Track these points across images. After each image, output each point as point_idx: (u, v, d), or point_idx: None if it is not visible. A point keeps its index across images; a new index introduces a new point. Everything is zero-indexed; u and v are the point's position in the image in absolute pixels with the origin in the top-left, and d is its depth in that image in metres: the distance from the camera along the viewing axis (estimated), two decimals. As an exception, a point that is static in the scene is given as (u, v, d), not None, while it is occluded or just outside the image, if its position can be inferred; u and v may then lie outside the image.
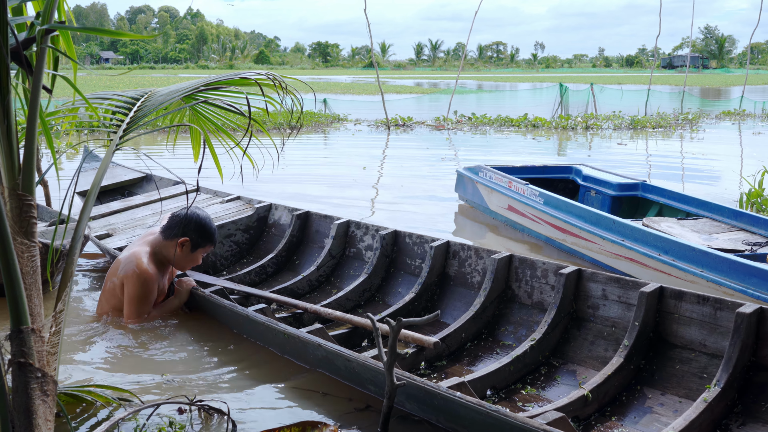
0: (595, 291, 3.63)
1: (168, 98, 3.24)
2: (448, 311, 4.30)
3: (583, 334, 3.64)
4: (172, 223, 4.33)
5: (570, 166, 7.63)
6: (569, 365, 3.56)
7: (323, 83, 47.53)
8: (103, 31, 2.51)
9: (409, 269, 4.66)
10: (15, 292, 2.27)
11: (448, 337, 3.75)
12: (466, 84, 52.40)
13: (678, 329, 3.31)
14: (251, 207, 5.80)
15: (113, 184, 6.85)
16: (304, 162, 11.79)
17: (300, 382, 3.48)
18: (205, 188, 6.37)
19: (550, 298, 3.82)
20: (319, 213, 5.41)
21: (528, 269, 3.96)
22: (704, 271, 4.54)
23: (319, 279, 4.95)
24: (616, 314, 3.54)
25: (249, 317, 3.75)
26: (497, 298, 4.02)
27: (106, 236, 5.40)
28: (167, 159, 10.78)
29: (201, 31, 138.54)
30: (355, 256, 5.03)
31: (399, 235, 4.75)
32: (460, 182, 7.93)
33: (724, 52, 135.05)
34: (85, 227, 2.66)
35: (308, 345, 3.40)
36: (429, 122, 19.93)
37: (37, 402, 2.34)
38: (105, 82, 39.36)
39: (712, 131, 18.37)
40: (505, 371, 3.37)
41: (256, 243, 5.68)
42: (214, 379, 3.53)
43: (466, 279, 4.31)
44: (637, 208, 6.77)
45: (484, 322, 3.96)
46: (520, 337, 3.84)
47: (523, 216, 6.59)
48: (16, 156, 2.39)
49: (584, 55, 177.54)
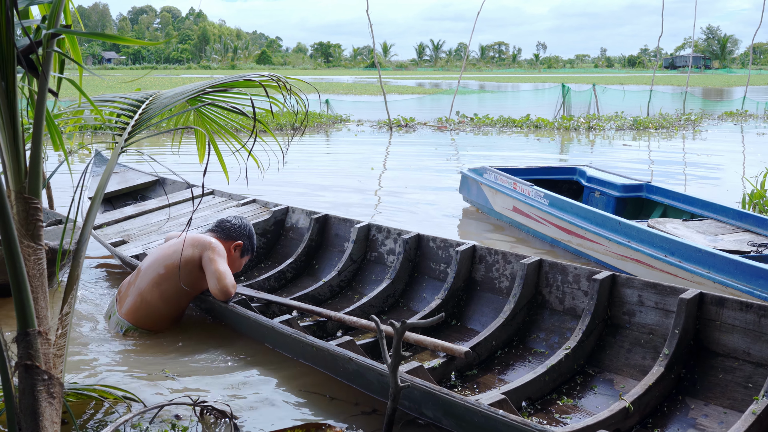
0: (630, 297, 3.52)
1: (173, 101, 3.24)
2: (475, 317, 4.19)
3: (619, 341, 3.53)
4: (226, 226, 4.40)
5: (574, 168, 7.63)
6: (605, 374, 3.45)
7: (325, 84, 47.54)
8: (111, 37, 2.51)
9: (433, 274, 4.55)
10: (21, 295, 2.27)
11: (479, 345, 3.64)
12: (468, 84, 52.40)
13: (720, 337, 3.19)
14: (268, 210, 5.70)
15: (126, 188, 6.77)
16: (308, 163, 11.79)
17: (305, 384, 3.48)
18: (219, 191, 6.29)
19: (582, 304, 3.71)
20: (338, 216, 5.29)
21: (559, 274, 3.85)
22: (710, 272, 4.53)
23: (340, 284, 4.84)
24: (653, 321, 3.43)
25: (275, 329, 3.67)
26: (527, 304, 3.90)
27: (121, 243, 5.31)
28: (173, 160, 10.79)
29: (203, 32, 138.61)
30: (376, 260, 4.92)
31: (422, 239, 4.64)
32: (465, 184, 7.93)
33: (726, 53, 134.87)
34: (90, 230, 2.66)
35: (338, 359, 3.31)
36: (431, 123, 19.93)
37: (43, 404, 2.35)
38: (107, 84, 39.36)
39: (714, 132, 18.34)
40: (540, 381, 3.27)
41: (273, 247, 5.58)
42: (218, 380, 3.53)
43: (494, 284, 4.20)
44: (642, 209, 6.77)
45: (515, 329, 3.85)
46: (552, 344, 3.74)
47: (528, 217, 6.59)
48: (23, 159, 2.39)
49: (586, 56, 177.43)
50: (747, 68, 40.16)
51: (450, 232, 7.14)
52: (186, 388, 3.42)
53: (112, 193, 6.69)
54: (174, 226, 5.53)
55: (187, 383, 3.48)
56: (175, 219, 5.70)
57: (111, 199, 6.70)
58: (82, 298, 4.78)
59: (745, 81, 30.92)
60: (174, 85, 3.87)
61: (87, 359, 3.80)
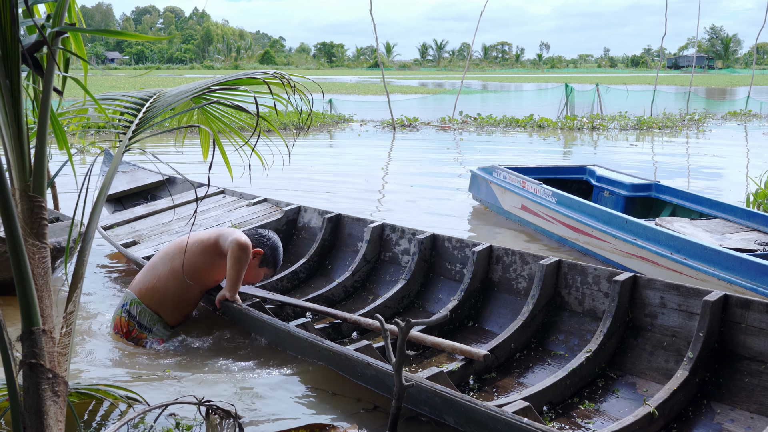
0: (652, 299, 3.45)
1: (177, 99, 3.23)
2: (493, 319, 4.13)
3: (641, 344, 3.46)
4: (252, 233, 4.30)
5: (584, 167, 7.64)
6: (627, 377, 3.39)
7: (328, 83, 47.54)
8: (114, 32, 2.51)
9: (449, 275, 4.49)
10: (26, 293, 2.27)
11: (497, 347, 3.58)
12: (471, 84, 52.35)
13: (746, 340, 3.11)
14: (279, 210, 5.65)
15: (135, 188, 6.75)
16: (312, 162, 11.79)
17: (307, 380, 3.48)
18: (230, 191, 6.25)
19: (602, 306, 3.64)
20: (351, 216, 5.24)
21: (578, 275, 3.79)
22: (716, 269, 4.53)
23: (354, 285, 4.79)
24: (676, 323, 3.36)
25: (291, 333, 3.62)
26: (546, 305, 3.84)
27: (133, 244, 5.28)
28: (177, 159, 10.78)
29: (207, 32, 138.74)
30: (390, 260, 4.86)
31: (437, 239, 4.57)
32: (474, 182, 7.96)
33: (729, 53, 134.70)
34: (94, 228, 2.66)
35: (357, 364, 3.27)
36: (435, 123, 19.92)
37: (48, 402, 2.34)
38: (111, 83, 39.43)
39: (718, 132, 18.31)
40: (562, 385, 3.21)
41: (285, 247, 5.49)
42: (221, 379, 3.53)
43: (511, 285, 4.14)
44: (651, 208, 6.77)
45: (533, 331, 3.79)
46: (572, 346, 3.68)
47: (536, 216, 6.61)
48: (27, 158, 2.39)
49: (589, 56, 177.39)
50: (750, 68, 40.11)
51: (459, 230, 7.12)
52: (190, 388, 3.42)
53: (122, 193, 6.68)
54: (185, 226, 5.51)
55: (191, 383, 3.48)
56: (186, 219, 5.66)
57: (121, 199, 6.68)
58: (87, 297, 4.77)
59: (749, 81, 30.92)
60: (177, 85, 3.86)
61: (90, 358, 3.80)
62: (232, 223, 5.47)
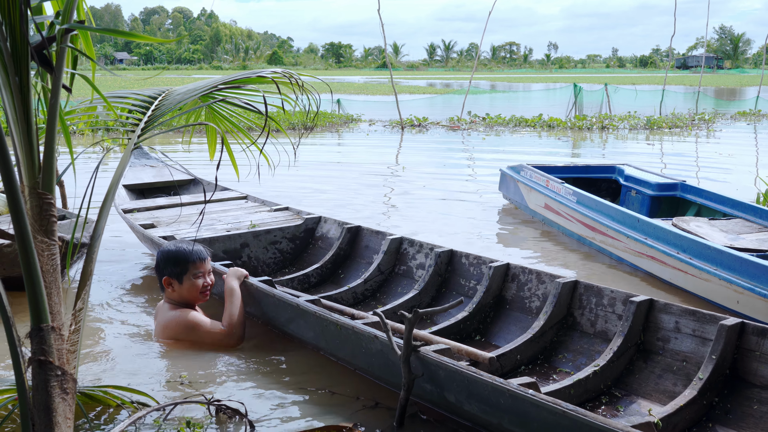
0: (667, 323, 3.43)
1: (186, 97, 3.24)
2: (501, 335, 4.06)
3: (649, 366, 3.43)
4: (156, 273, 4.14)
5: (613, 166, 7.63)
6: (632, 397, 3.36)
7: (336, 84, 47.57)
8: (123, 33, 2.51)
9: (462, 290, 4.43)
10: (35, 290, 2.28)
11: (503, 356, 3.53)
12: (480, 84, 52.30)
13: (758, 368, 3.09)
14: (300, 218, 5.65)
15: (161, 182, 6.81)
16: (320, 162, 11.78)
17: (311, 381, 3.48)
18: (252, 197, 6.26)
19: (615, 328, 3.60)
20: (370, 228, 5.18)
21: (594, 296, 3.75)
22: (718, 269, 4.53)
23: (365, 293, 4.73)
24: (688, 348, 3.33)
25: (300, 307, 3.61)
26: (557, 324, 3.81)
27: (150, 227, 5.33)
28: (184, 158, 10.81)
29: (215, 32, 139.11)
30: (404, 273, 4.81)
31: (455, 255, 4.52)
32: (504, 181, 8.01)
33: (738, 53, 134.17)
34: (104, 225, 2.66)
35: (362, 337, 3.25)
36: (444, 123, 19.90)
37: (56, 400, 2.35)
38: (120, 84, 39.57)
39: (728, 132, 18.23)
40: (565, 393, 3.17)
41: (300, 254, 5.47)
42: (232, 378, 3.53)
43: (524, 303, 4.09)
44: (678, 208, 6.75)
45: (541, 347, 3.74)
46: (579, 365, 3.62)
47: (557, 214, 6.66)
48: (36, 155, 2.40)
49: (598, 56, 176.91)
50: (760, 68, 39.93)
51: (485, 229, 7.12)
52: (199, 387, 3.42)
53: (146, 185, 6.74)
54: (205, 222, 5.49)
55: (199, 382, 3.48)
56: (205, 215, 5.69)
57: (144, 191, 6.73)
58: (96, 295, 4.78)
59: (758, 81, 30.76)
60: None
61: (97, 358, 3.80)
62: (251, 222, 5.48)
